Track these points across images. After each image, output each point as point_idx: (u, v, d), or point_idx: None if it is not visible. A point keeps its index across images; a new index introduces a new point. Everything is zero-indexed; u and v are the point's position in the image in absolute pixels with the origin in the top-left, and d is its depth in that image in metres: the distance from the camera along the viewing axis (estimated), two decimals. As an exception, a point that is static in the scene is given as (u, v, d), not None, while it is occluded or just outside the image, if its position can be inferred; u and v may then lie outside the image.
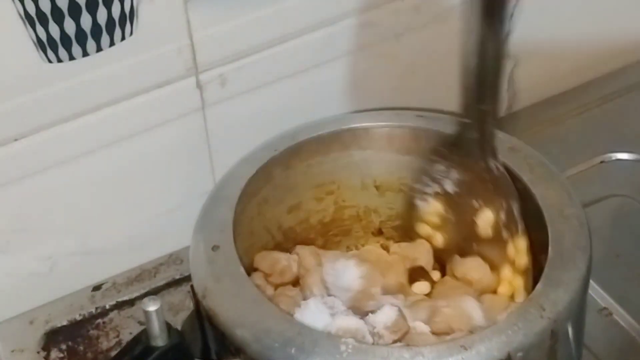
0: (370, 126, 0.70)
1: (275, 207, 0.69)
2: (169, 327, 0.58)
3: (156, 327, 0.57)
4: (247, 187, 0.65)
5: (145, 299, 0.57)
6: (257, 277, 0.66)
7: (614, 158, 0.85)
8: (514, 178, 0.65)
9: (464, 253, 0.68)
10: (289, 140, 0.68)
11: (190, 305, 0.64)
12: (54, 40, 0.61)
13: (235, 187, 0.65)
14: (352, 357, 0.54)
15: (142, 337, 0.58)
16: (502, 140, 0.67)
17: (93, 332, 0.74)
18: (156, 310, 0.56)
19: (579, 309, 0.60)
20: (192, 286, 0.61)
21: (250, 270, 0.66)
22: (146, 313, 0.57)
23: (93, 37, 0.63)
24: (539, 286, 0.57)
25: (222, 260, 0.60)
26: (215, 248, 0.61)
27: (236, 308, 0.57)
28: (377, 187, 0.72)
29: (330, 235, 0.74)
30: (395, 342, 0.59)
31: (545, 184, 0.64)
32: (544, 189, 0.64)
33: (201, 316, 0.60)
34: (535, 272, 0.63)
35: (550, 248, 0.60)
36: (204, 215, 0.64)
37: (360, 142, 0.70)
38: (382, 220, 0.74)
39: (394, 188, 0.72)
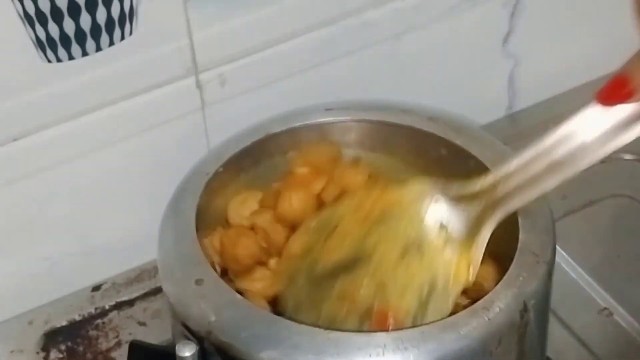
0: (285, 130, 0.66)
1: (210, 234, 0.64)
2: None
3: None
4: (198, 215, 0.61)
5: (179, 344, 0.54)
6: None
7: (614, 158, 0.85)
8: (447, 144, 0.64)
9: None
10: (217, 160, 0.64)
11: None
12: (53, 40, 0.61)
13: (186, 218, 0.61)
14: (389, 346, 0.52)
15: None
16: (419, 112, 0.66)
17: (92, 333, 0.74)
18: (192, 355, 0.54)
19: (555, 248, 0.61)
20: (186, 328, 0.57)
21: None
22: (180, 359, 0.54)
23: (92, 36, 0.63)
24: (521, 236, 0.58)
25: (213, 291, 0.57)
26: (199, 282, 0.57)
27: (252, 333, 0.54)
28: None
29: None
30: None
31: (477, 143, 0.64)
32: (479, 148, 0.64)
33: (205, 355, 0.56)
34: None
35: None
36: (167, 253, 0.60)
37: (281, 147, 0.67)
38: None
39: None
